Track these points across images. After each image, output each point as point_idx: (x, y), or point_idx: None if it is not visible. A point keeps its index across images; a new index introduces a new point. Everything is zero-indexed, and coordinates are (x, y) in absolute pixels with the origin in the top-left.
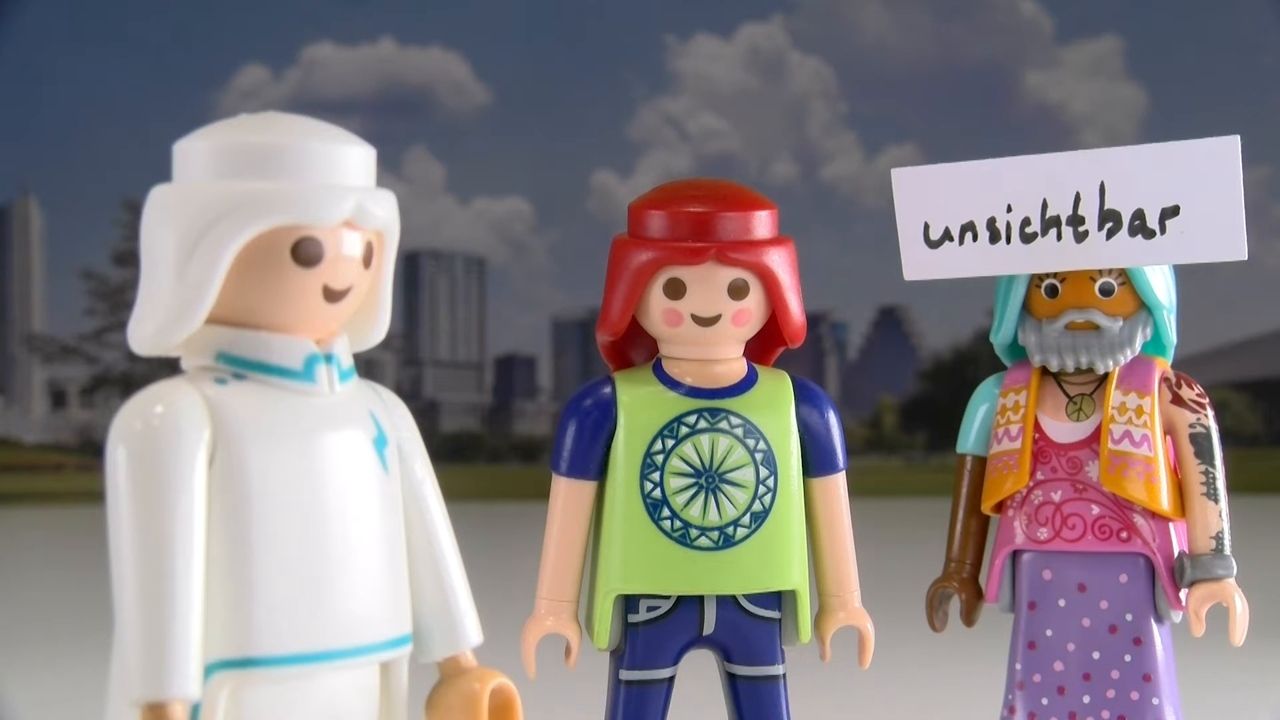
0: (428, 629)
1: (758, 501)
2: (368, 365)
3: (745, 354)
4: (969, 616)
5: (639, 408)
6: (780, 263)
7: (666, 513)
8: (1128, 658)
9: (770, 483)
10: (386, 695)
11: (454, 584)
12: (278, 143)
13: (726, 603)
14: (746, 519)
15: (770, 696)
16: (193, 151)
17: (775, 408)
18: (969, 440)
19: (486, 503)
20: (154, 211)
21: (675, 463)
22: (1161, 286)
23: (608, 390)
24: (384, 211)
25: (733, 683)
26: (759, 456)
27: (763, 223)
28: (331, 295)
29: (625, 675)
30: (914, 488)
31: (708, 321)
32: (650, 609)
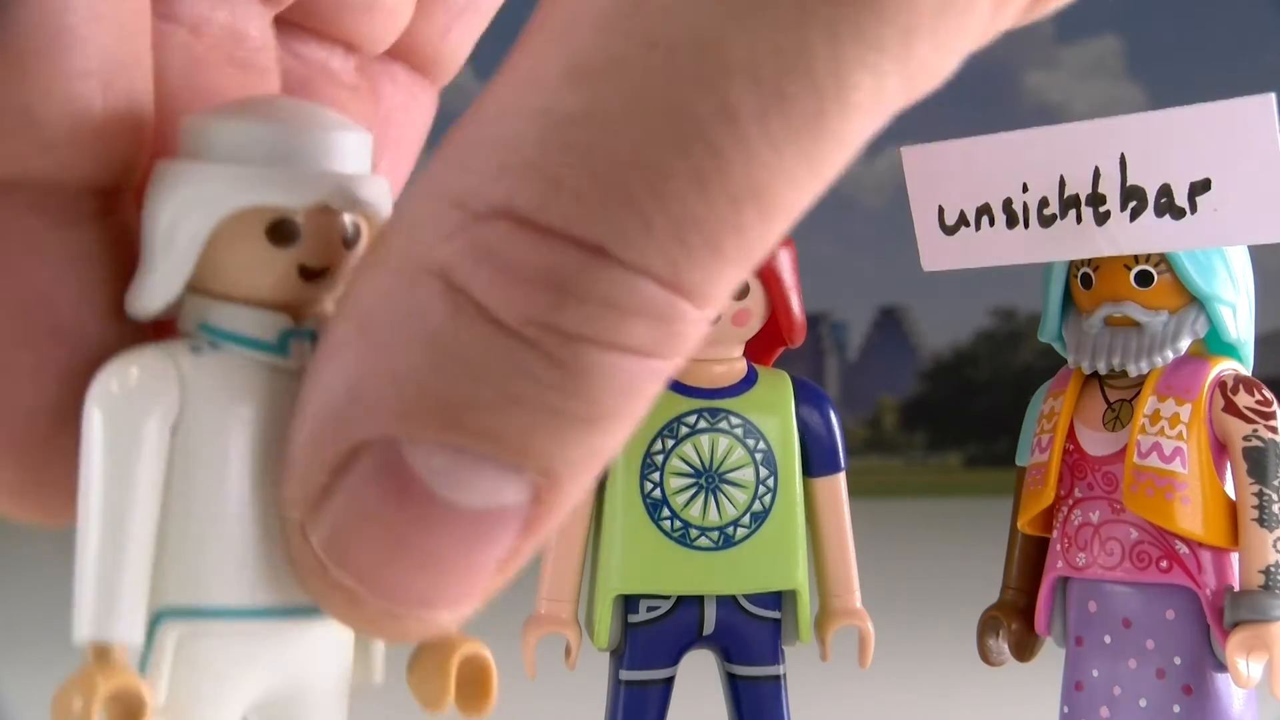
0: None
1: (758, 501)
2: None
3: (745, 354)
4: (1020, 650)
5: None
6: (780, 263)
7: (666, 513)
8: (1176, 709)
9: (770, 483)
10: (362, 652)
11: None
12: (269, 127)
13: (726, 603)
14: (746, 519)
15: (770, 696)
16: (194, 130)
17: (775, 408)
18: (1025, 452)
19: None
20: (153, 186)
21: (675, 463)
22: (1214, 274)
23: None
24: (366, 195)
25: (732, 683)
26: (759, 456)
27: None
28: (308, 274)
29: (625, 675)
30: (914, 488)
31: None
32: (650, 609)
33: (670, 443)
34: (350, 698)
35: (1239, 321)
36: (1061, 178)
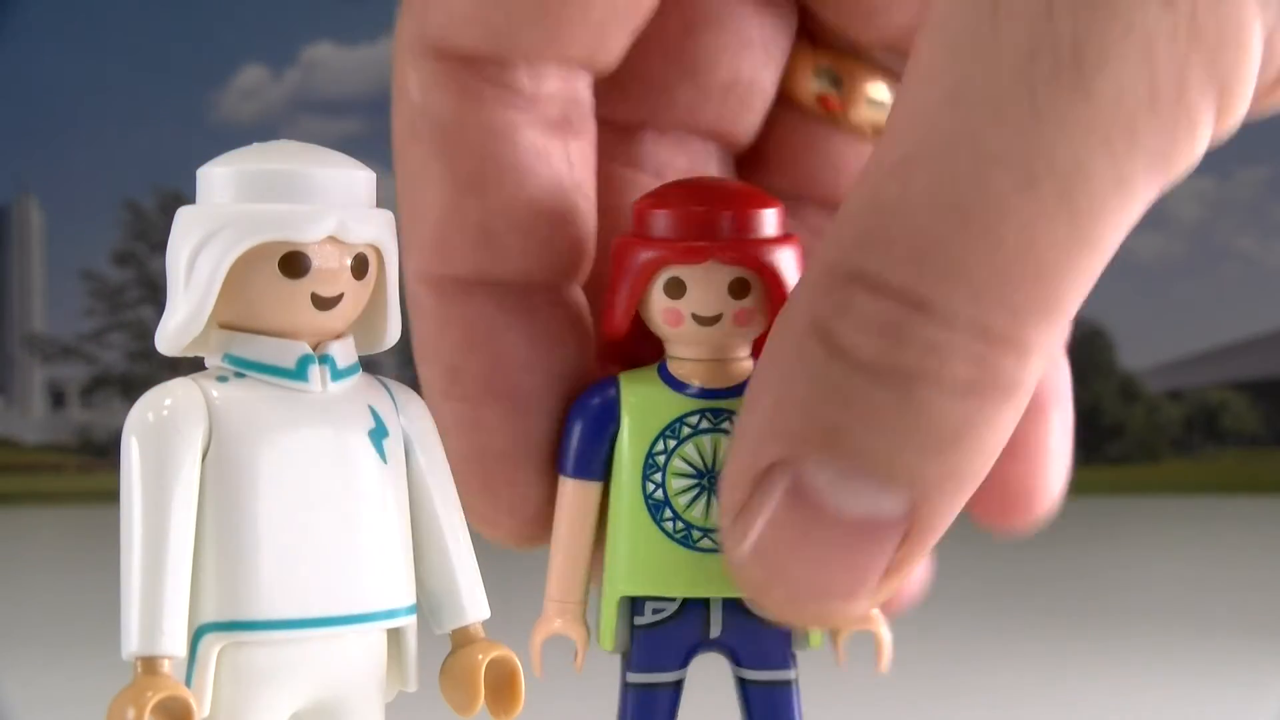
0: (438, 603)
1: None
2: (367, 365)
3: (755, 355)
4: None
5: (642, 408)
6: (782, 261)
7: (669, 514)
8: None
9: None
10: (396, 661)
11: (459, 562)
12: (275, 169)
13: (732, 606)
14: None
15: (782, 702)
16: (207, 177)
17: None
18: None
19: None
20: (175, 229)
21: (677, 463)
22: None
23: (612, 391)
24: (371, 228)
25: (743, 687)
26: None
27: (765, 221)
28: (321, 303)
29: (632, 678)
30: None
31: (709, 321)
32: (655, 611)
33: (672, 443)
34: (386, 705)
35: None
36: None
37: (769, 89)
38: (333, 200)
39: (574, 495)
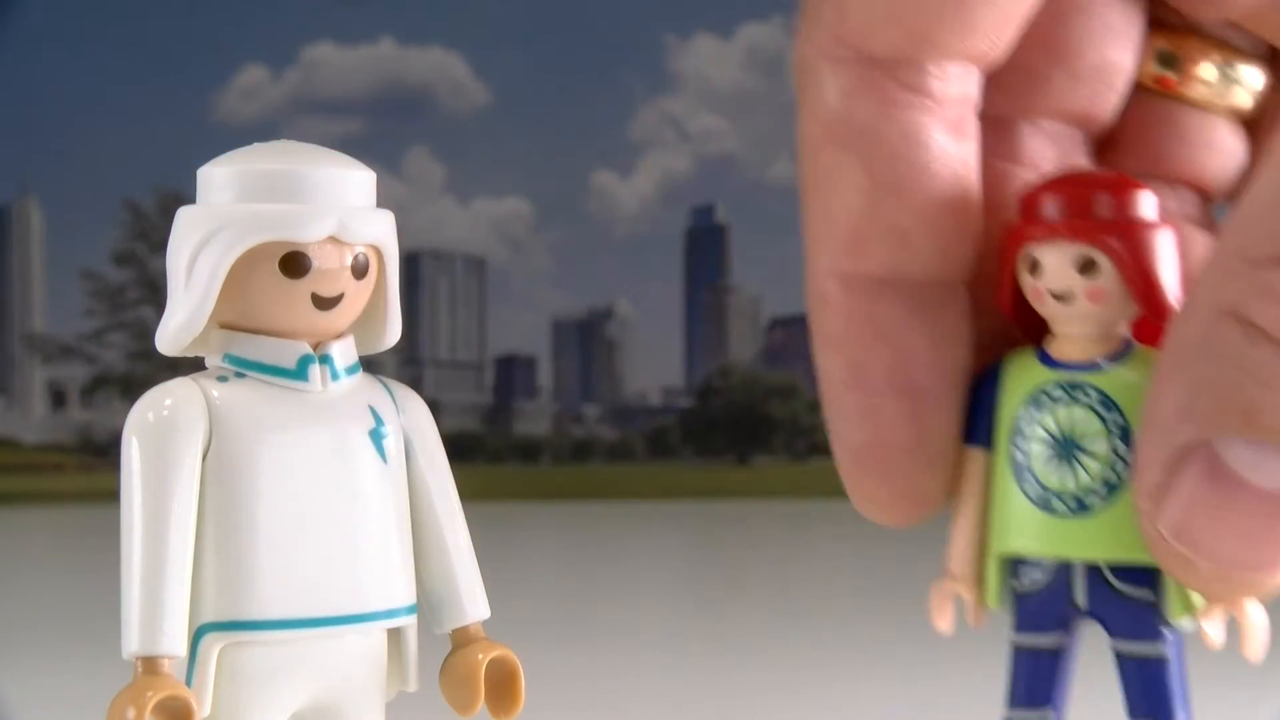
0: (438, 602)
1: (1111, 472)
2: (367, 365)
3: (1141, 337)
4: None
5: (1013, 379)
6: (1133, 241)
7: (1030, 478)
8: None
9: (1126, 455)
10: (396, 661)
11: (459, 562)
12: (276, 169)
13: (1094, 577)
14: (1101, 488)
15: (1155, 676)
16: (207, 177)
17: (1138, 384)
18: None
19: (486, 503)
20: (175, 229)
21: (1038, 431)
22: None
23: (1000, 366)
24: (371, 228)
25: (1118, 660)
26: (1115, 430)
27: (1111, 203)
28: (321, 302)
29: (1014, 640)
30: None
31: (1062, 298)
32: (1028, 578)
33: (1034, 412)
34: (386, 705)
35: None
36: None
37: (1130, 70)
38: (333, 200)
39: (971, 460)
